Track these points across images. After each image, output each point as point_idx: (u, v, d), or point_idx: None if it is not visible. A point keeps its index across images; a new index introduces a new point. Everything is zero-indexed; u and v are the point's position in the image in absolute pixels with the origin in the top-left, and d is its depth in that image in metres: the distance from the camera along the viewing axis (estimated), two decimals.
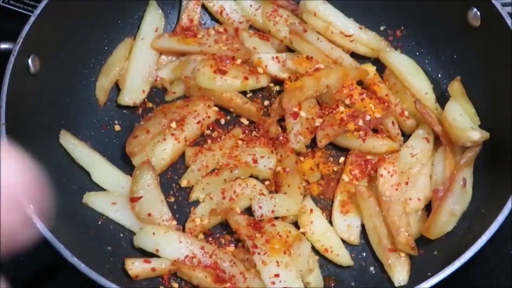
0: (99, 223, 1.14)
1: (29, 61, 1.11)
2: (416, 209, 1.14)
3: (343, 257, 1.12)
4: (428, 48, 1.31)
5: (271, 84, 1.30)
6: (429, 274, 0.97)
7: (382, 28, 1.34)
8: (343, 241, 1.14)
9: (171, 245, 1.07)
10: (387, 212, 1.10)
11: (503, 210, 1.00)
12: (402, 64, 1.26)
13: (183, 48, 1.29)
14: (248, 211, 1.14)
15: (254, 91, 1.29)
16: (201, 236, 1.14)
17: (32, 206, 0.54)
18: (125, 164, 1.19)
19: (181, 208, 1.18)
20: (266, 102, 1.29)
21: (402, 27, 1.33)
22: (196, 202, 1.17)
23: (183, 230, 1.14)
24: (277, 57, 1.28)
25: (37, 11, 1.13)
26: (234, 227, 1.11)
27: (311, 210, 1.14)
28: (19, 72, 1.09)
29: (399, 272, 1.08)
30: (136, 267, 1.06)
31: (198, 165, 1.18)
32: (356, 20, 1.31)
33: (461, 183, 1.09)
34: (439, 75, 1.29)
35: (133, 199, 1.12)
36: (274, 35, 1.32)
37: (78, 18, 1.22)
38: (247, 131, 1.24)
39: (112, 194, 1.16)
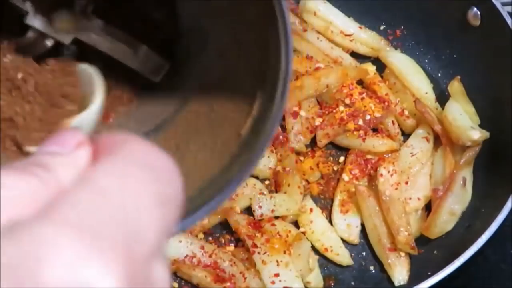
0: None
1: None
2: (416, 209, 1.14)
3: (343, 257, 1.12)
4: (428, 48, 1.31)
5: None
6: (429, 273, 0.97)
7: (382, 27, 1.34)
8: (343, 241, 1.14)
9: (170, 245, 1.07)
10: (387, 211, 1.10)
11: (503, 210, 1.00)
12: (402, 64, 1.26)
13: None
14: (248, 210, 1.14)
15: None
16: (201, 235, 1.13)
17: None
18: None
19: None
20: None
21: (402, 27, 1.33)
22: None
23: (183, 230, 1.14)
24: None
25: None
26: (234, 226, 1.11)
27: (311, 210, 1.14)
28: None
29: (399, 271, 1.08)
30: None
31: None
32: (356, 19, 1.31)
33: (461, 182, 1.09)
34: (439, 75, 1.29)
35: None
36: None
37: None
38: None
39: None
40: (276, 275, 1.03)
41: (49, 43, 0.75)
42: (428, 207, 1.14)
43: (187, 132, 0.74)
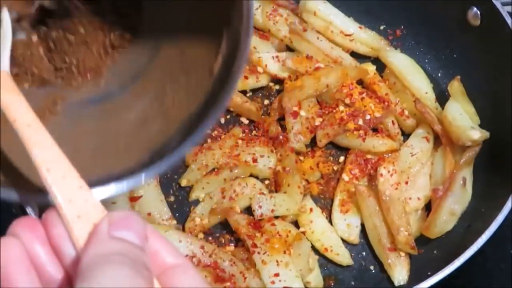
0: None
1: None
2: (416, 209, 1.15)
3: (343, 257, 1.12)
4: (428, 48, 1.31)
5: (271, 83, 1.30)
6: (429, 273, 0.97)
7: (382, 27, 1.34)
8: (343, 241, 1.14)
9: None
10: (387, 211, 1.10)
11: (503, 210, 1.00)
12: (402, 64, 1.26)
13: None
14: (248, 210, 1.14)
15: (254, 90, 1.29)
16: (201, 235, 1.14)
17: None
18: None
19: (181, 207, 1.18)
20: (266, 101, 1.29)
21: (402, 27, 1.33)
22: (196, 202, 1.17)
23: (183, 230, 1.14)
24: (277, 57, 1.28)
25: None
26: (234, 226, 1.11)
27: (311, 210, 1.14)
28: None
29: (399, 271, 1.08)
30: None
31: (198, 164, 1.18)
32: (356, 19, 1.31)
33: (461, 182, 1.09)
34: (439, 75, 1.29)
35: (133, 199, 1.12)
36: (274, 35, 1.32)
37: None
38: (247, 130, 1.24)
39: None
40: (276, 275, 1.03)
41: None
42: (428, 207, 1.14)
43: (163, 78, 0.78)
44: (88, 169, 0.62)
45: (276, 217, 1.12)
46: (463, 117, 1.15)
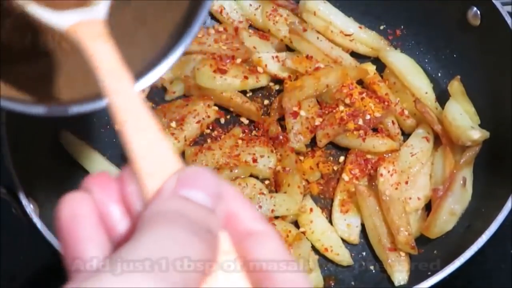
0: None
1: None
2: (416, 208, 1.15)
3: (343, 257, 1.12)
4: (428, 47, 1.31)
5: (271, 84, 1.30)
6: (429, 273, 0.97)
7: (382, 27, 1.34)
8: (343, 241, 1.14)
9: None
10: (387, 211, 1.10)
11: (503, 210, 1.00)
12: (402, 63, 1.26)
13: None
14: None
15: (254, 91, 1.29)
16: None
17: None
18: (125, 163, 1.19)
19: None
20: (266, 102, 1.29)
21: (402, 27, 1.33)
22: None
23: None
24: (277, 57, 1.28)
25: None
26: None
27: (311, 210, 1.14)
28: None
29: (399, 271, 1.08)
30: None
31: (198, 164, 1.18)
32: (356, 19, 1.31)
33: (461, 182, 1.09)
34: (439, 74, 1.29)
35: None
36: (274, 35, 1.32)
37: None
38: (247, 131, 1.24)
39: None
40: None
41: None
42: (428, 207, 1.14)
43: (140, 4, 0.79)
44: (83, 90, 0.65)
45: (276, 217, 1.12)
46: (463, 117, 1.15)
